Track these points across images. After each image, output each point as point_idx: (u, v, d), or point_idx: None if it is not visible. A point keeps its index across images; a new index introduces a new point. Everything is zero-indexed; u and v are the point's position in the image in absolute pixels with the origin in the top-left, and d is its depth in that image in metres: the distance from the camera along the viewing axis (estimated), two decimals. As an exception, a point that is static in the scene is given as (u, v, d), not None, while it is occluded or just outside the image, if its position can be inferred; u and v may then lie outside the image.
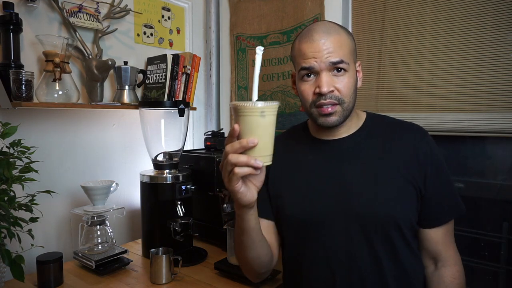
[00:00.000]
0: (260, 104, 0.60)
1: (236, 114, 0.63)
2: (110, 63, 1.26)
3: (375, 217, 0.78)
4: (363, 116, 0.91)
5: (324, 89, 0.79)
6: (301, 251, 0.87)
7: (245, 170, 0.62)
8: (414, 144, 0.83)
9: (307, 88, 0.83)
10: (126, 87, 1.40)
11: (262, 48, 0.64)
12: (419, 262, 0.84)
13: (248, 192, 0.67)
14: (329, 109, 0.80)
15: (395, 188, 0.80)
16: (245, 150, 0.61)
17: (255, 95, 0.64)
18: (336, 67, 0.79)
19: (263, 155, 0.62)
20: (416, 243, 0.84)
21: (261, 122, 0.61)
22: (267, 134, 0.63)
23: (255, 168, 0.61)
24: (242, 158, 0.61)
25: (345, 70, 0.80)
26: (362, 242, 0.78)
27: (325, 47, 0.79)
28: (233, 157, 0.61)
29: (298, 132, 0.97)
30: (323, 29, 0.82)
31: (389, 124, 0.89)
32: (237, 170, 0.62)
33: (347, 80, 0.80)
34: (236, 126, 0.62)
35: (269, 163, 0.64)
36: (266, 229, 0.89)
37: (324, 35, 0.80)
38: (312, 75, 0.82)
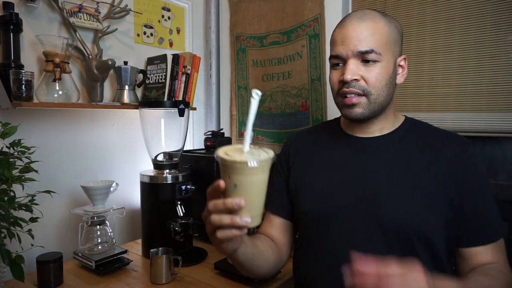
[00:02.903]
0: (252, 163, 0.51)
1: (221, 167, 0.55)
2: (110, 63, 1.26)
3: (398, 225, 0.73)
4: (401, 119, 0.85)
5: (347, 76, 0.74)
6: (314, 250, 0.82)
7: (228, 234, 0.55)
8: (456, 156, 0.76)
9: (334, 76, 0.79)
10: (126, 87, 1.40)
11: (259, 93, 0.56)
12: None
13: (230, 244, 0.61)
14: (353, 100, 0.75)
15: (425, 198, 0.74)
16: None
17: (247, 146, 0.56)
18: (365, 57, 0.74)
19: (252, 215, 0.54)
20: (451, 261, 0.77)
21: (251, 180, 0.53)
22: (257, 193, 0.55)
23: (241, 228, 0.55)
24: (226, 220, 0.54)
25: (376, 61, 0.74)
26: (382, 248, 0.74)
27: (354, 34, 0.74)
28: (216, 219, 0.55)
29: (330, 127, 0.92)
30: (358, 15, 0.76)
31: (430, 132, 0.83)
32: (220, 234, 0.55)
33: (378, 71, 0.75)
34: (221, 183, 0.55)
35: (257, 223, 0.56)
36: (279, 227, 0.85)
37: (356, 21, 0.75)
38: (341, 64, 0.77)
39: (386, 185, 0.76)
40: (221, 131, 1.56)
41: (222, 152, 0.55)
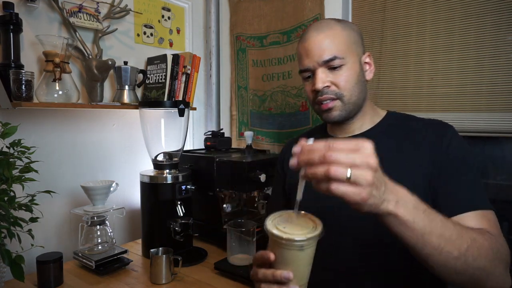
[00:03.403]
0: (301, 241, 0.54)
1: (271, 241, 0.58)
2: (110, 63, 1.26)
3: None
4: (382, 114, 0.88)
5: (318, 85, 0.79)
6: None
7: None
8: (433, 139, 0.78)
9: (308, 88, 0.84)
10: (126, 87, 1.40)
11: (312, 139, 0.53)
12: None
13: None
14: (329, 104, 0.81)
15: (414, 192, 0.75)
16: None
17: (296, 209, 0.60)
18: (330, 65, 0.79)
19: (299, 284, 0.58)
20: None
21: (299, 255, 0.56)
22: (305, 265, 0.58)
23: None
24: None
25: (341, 65, 0.79)
26: (371, 242, 0.76)
27: (316, 45, 0.80)
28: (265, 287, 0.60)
29: (317, 131, 0.97)
30: (315, 27, 0.82)
31: (409, 123, 0.84)
32: None
33: (346, 73, 0.79)
34: (271, 257, 0.58)
35: None
36: None
37: (314, 34, 0.81)
38: (311, 75, 0.82)
39: None
40: (221, 131, 1.56)
41: (272, 225, 0.58)
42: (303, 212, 0.60)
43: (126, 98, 1.39)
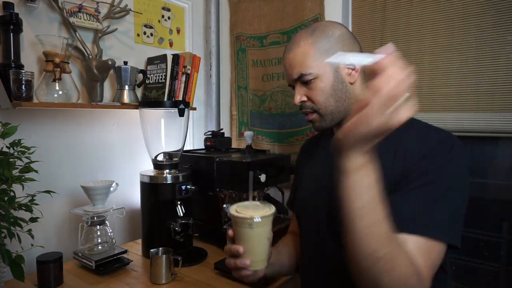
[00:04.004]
0: (256, 219, 0.65)
1: (232, 221, 0.69)
2: (110, 63, 1.26)
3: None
4: None
5: (296, 101, 0.84)
6: (303, 240, 0.93)
7: (236, 275, 0.71)
8: (415, 146, 0.72)
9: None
10: (126, 87, 1.40)
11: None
12: None
13: (250, 277, 0.72)
14: (310, 117, 0.85)
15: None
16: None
17: (252, 203, 0.71)
18: (302, 81, 0.82)
19: (253, 260, 0.68)
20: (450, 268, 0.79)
21: (250, 233, 0.66)
22: (258, 242, 0.68)
23: (241, 269, 0.68)
24: (231, 262, 0.69)
25: (313, 78, 0.80)
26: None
27: (287, 65, 0.85)
28: (226, 261, 0.71)
29: (328, 131, 0.99)
30: (288, 46, 0.86)
31: (406, 130, 0.74)
32: (233, 274, 0.72)
33: (318, 86, 0.81)
34: (230, 233, 0.70)
35: (260, 267, 0.70)
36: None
37: (285, 54, 0.85)
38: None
39: None
40: (221, 131, 1.56)
41: (233, 209, 0.69)
42: (263, 201, 0.72)
43: (126, 98, 1.39)
